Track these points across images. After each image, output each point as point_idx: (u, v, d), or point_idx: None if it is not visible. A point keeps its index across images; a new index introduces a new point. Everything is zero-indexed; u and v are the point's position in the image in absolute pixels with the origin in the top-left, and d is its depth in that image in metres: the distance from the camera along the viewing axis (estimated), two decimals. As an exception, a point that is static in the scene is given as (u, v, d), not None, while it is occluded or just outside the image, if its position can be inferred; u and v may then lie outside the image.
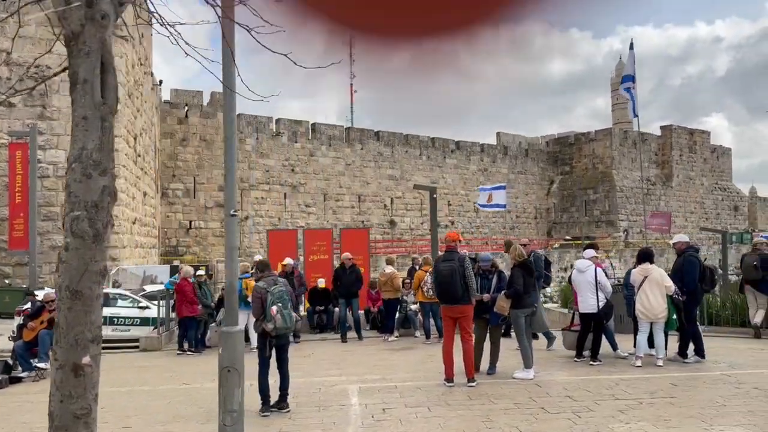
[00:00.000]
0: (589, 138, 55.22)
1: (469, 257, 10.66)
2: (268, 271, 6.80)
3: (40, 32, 19.57)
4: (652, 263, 8.68)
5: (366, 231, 16.75)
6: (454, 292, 7.40)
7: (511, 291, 7.84)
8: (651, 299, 8.40)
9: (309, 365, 9.57)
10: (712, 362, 8.68)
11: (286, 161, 40.01)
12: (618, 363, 8.85)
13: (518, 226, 54.62)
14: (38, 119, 19.42)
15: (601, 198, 52.93)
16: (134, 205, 22.93)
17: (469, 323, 7.58)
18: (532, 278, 8.06)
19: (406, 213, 46.58)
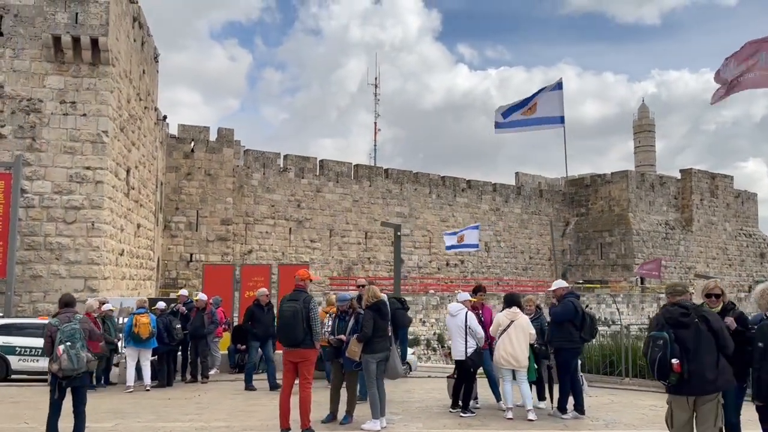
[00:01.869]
0: (605, 180, 54.40)
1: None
2: (68, 308, 6.53)
3: (33, 66, 20.22)
4: (520, 308, 8.33)
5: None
6: (294, 334, 7.09)
7: (362, 335, 7.42)
8: (515, 345, 7.99)
9: (171, 408, 9.19)
10: (591, 419, 8.17)
11: (292, 196, 40.26)
12: (492, 416, 8.34)
13: (531, 267, 53.66)
14: (27, 151, 19.90)
15: (617, 241, 51.79)
16: (122, 236, 23.16)
17: (309, 369, 7.20)
18: (386, 321, 7.68)
19: (414, 251, 46.18)
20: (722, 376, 5.02)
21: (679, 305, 5.14)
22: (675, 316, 5.06)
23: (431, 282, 45.10)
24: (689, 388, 4.95)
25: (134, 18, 24.63)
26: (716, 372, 4.98)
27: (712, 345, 5.02)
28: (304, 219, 40.67)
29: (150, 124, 28.90)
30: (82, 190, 20.25)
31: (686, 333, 4.98)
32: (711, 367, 4.97)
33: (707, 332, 5.01)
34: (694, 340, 4.98)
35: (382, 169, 45.64)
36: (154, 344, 10.33)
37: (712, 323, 5.05)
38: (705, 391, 4.98)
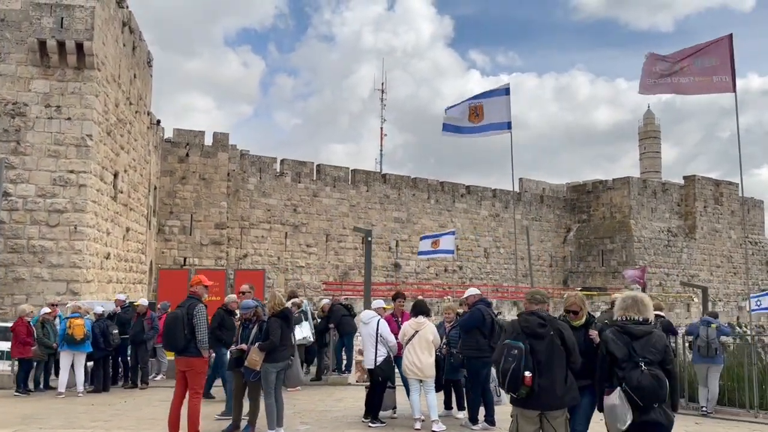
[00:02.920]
0: (607, 186, 54.00)
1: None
2: None
3: (19, 70, 20.35)
4: (427, 317, 8.19)
5: (262, 272, 16.38)
6: (174, 341, 7.02)
7: (266, 343, 7.24)
8: (420, 356, 7.84)
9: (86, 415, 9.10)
10: (502, 430, 7.97)
11: (289, 201, 40.26)
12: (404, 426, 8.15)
13: (531, 273, 53.26)
14: (12, 154, 20.02)
15: (618, 248, 51.35)
16: (108, 240, 23.22)
17: (195, 378, 7.05)
18: (290, 329, 7.54)
19: (411, 256, 45.99)
20: (570, 393, 4.89)
21: (537, 315, 4.98)
22: (532, 326, 4.90)
23: (428, 288, 44.92)
24: (538, 403, 4.80)
25: (124, 23, 24.75)
26: (565, 388, 4.84)
27: (563, 360, 4.87)
28: (301, 224, 40.65)
29: (142, 128, 29.02)
30: (66, 193, 20.32)
31: (540, 345, 4.83)
32: (561, 382, 4.83)
33: (560, 346, 4.85)
34: (547, 353, 4.84)
35: (379, 174, 45.59)
36: (88, 348, 10.29)
37: (566, 338, 4.89)
38: (553, 406, 4.83)
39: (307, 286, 40.50)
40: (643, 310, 4.70)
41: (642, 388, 4.29)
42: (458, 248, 48.92)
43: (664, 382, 4.40)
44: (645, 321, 4.66)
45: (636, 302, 4.74)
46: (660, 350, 4.51)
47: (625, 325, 4.65)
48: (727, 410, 9.61)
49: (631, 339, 4.52)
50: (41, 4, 20.30)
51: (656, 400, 4.37)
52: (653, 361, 4.44)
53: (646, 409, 4.34)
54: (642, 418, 4.35)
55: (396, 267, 45.08)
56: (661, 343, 4.57)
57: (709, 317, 9.96)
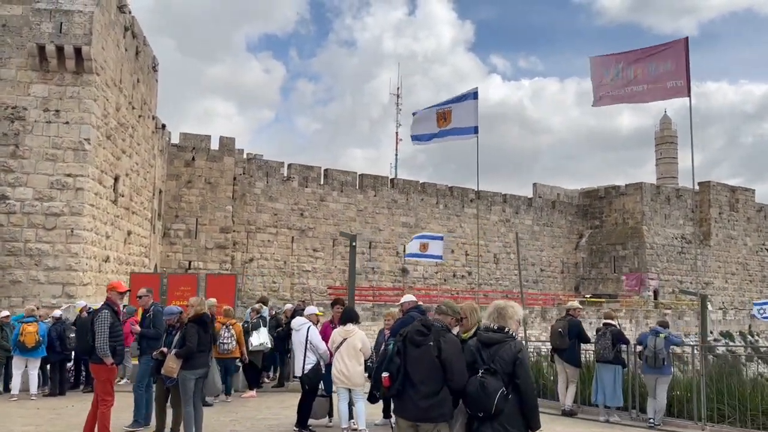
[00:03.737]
0: (619, 192, 53.29)
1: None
2: None
3: (19, 75, 20.58)
4: (356, 324, 8.01)
5: (233, 276, 16.26)
6: (81, 347, 7.07)
7: (183, 350, 7.08)
8: (347, 364, 7.64)
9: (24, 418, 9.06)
10: None
11: (296, 205, 40.28)
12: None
13: (542, 279, 52.74)
14: (10, 158, 20.23)
15: (631, 254, 50.57)
16: (108, 243, 23.35)
17: (100, 386, 6.96)
18: (208, 335, 7.38)
19: (419, 261, 45.71)
20: (438, 408, 4.61)
21: (423, 323, 4.85)
22: (411, 332, 4.79)
23: (436, 294, 44.59)
24: (402, 410, 4.71)
25: (126, 27, 24.95)
26: (431, 402, 4.58)
27: (437, 374, 4.62)
28: (307, 228, 40.63)
29: (146, 132, 29.21)
30: (63, 197, 20.47)
31: (415, 353, 4.69)
32: (426, 395, 4.60)
33: (435, 358, 4.64)
34: (419, 363, 4.67)
35: (387, 179, 45.44)
36: (41, 353, 10.28)
37: (442, 352, 4.65)
38: (418, 418, 4.65)
39: (313, 291, 40.42)
40: (499, 318, 4.52)
41: (468, 394, 4.14)
42: (466, 254, 48.64)
43: (493, 393, 4.14)
44: (499, 329, 4.49)
45: (496, 310, 4.58)
46: (508, 362, 4.28)
47: (480, 332, 4.54)
48: (676, 422, 9.33)
49: (482, 347, 4.39)
50: (41, 10, 20.51)
51: (481, 409, 4.16)
52: (498, 371, 4.23)
53: (483, 420, 4.17)
54: (479, 429, 4.19)
55: (403, 272, 44.86)
56: (510, 354, 4.32)
57: (659, 327, 9.72)
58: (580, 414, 10.02)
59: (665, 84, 9.14)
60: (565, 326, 10.20)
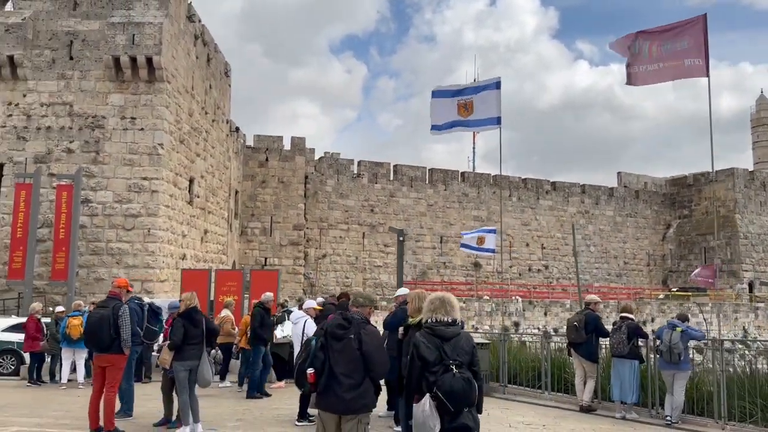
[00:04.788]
0: (709, 179, 50.10)
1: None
2: None
3: (98, 86, 22.06)
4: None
5: (276, 272, 16.50)
6: (100, 340, 7.37)
7: (170, 342, 7.50)
8: None
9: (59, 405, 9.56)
10: None
11: (366, 201, 40.75)
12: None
13: (626, 273, 50.55)
14: (92, 163, 21.74)
15: (723, 245, 47.51)
16: (184, 242, 24.60)
17: (114, 374, 7.40)
18: (198, 329, 7.55)
19: (492, 255, 45.04)
20: (361, 399, 4.65)
21: (343, 316, 4.88)
22: (332, 326, 4.81)
23: (513, 289, 43.80)
24: (326, 403, 4.71)
25: (196, 36, 26.14)
26: (354, 394, 4.63)
27: (359, 365, 4.66)
28: (378, 224, 41.00)
29: (220, 135, 30.50)
30: (140, 199, 21.77)
31: (337, 346, 4.72)
32: (349, 387, 4.63)
33: (356, 350, 4.66)
34: (341, 355, 4.69)
35: (458, 173, 45.05)
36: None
37: (363, 344, 4.67)
38: (340, 410, 4.66)
39: (384, 286, 40.80)
40: (450, 310, 4.44)
41: (455, 392, 4.07)
42: (543, 247, 47.41)
43: (475, 385, 4.19)
44: (453, 322, 4.42)
45: (444, 303, 4.48)
46: (468, 352, 4.29)
47: (434, 327, 4.38)
48: (694, 420, 8.78)
49: (441, 341, 4.28)
50: (115, 24, 21.88)
51: (467, 403, 4.15)
52: (463, 363, 4.22)
53: (456, 414, 4.11)
54: (452, 423, 4.12)
55: (476, 266, 44.36)
56: (469, 344, 4.35)
57: (676, 320, 9.08)
58: (599, 410, 9.69)
59: (682, 62, 8.55)
60: (582, 320, 9.79)
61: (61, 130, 21.91)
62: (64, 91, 22.08)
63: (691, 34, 8.56)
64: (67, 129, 21.91)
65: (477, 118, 12.32)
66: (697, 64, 8.59)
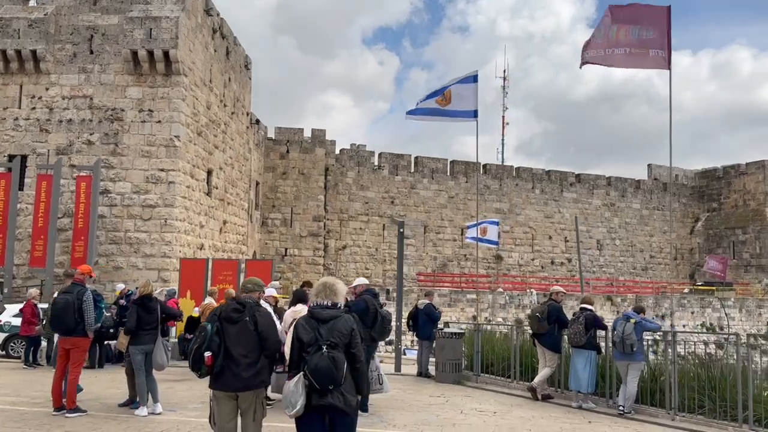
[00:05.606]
0: (739, 171, 48.94)
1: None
2: None
3: (117, 79, 22.60)
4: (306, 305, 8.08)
5: (270, 262, 16.67)
6: (65, 324, 7.76)
7: (125, 327, 7.96)
8: None
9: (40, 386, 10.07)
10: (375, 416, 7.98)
11: (386, 193, 40.88)
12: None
13: (652, 266, 49.71)
14: (111, 155, 22.32)
15: (752, 239, 46.36)
16: (202, 232, 25.10)
17: (78, 355, 7.88)
18: (152, 315, 7.98)
19: (514, 248, 44.85)
20: (258, 376, 5.04)
21: (236, 301, 5.21)
22: (227, 310, 5.15)
23: (533, 281, 43.51)
24: (225, 384, 5.01)
25: (214, 30, 26.51)
26: (253, 371, 4.99)
27: (254, 344, 5.02)
28: (398, 215, 41.03)
29: (240, 127, 30.92)
30: (157, 189, 22.28)
31: (232, 329, 5.03)
32: (247, 365, 4.98)
33: (252, 331, 5.02)
34: (236, 336, 5.01)
35: (480, 165, 44.80)
36: None
37: (259, 324, 5.05)
38: (239, 388, 5.00)
39: (404, 277, 40.91)
40: (332, 295, 4.67)
41: (318, 369, 4.26)
42: (566, 240, 46.91)
43: (342, 365, 4.34)
44: (334, 305, 4.64)
45: (326, 288, 4.70)
46: (346, 334, 4.46)
47: (313, 310, 4.62)
48: (648, 410, 8.80)
49: (318, 324, 4.48)
50: (133, 18, 22.35)
51: (332, 382, 4.30)
52: (338, 344, 4.40)
53: (323, 392, 4.29)
54: (319, 401, 4.31)
55: (497, 259, 44.16)
56: (348, 326, 4.51)
57: (632, 312, 9.08)
58: (558, 399, 9.84)
59: (647, 51, 8.42)
60: (544, 311, 9.94)
61: (82, 123, 22.53)
62: (85, 85, 22.68)
63: (655, 25, 8.44)
64: (88, 121, 22.51)
65: (454, 108, 12.37)
66: (660, 56, 8.49)
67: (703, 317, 32.41)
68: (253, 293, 5.42)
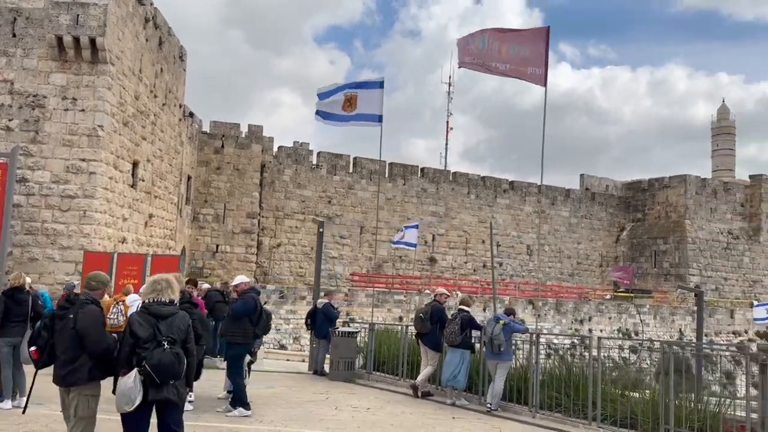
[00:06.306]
0: (663, 184, 51.43)
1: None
2: None
3: (40, 65, 21.86)
4: None
5: (177, 258, 16.75)
6: None
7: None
8: None
9: None
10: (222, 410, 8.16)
11: (324, 193, 40.95)
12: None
13: (579, 273, 51.59)
14: (31, 143, 21.57)
15: (672, 249, 48.83)
16: (125, 225, 24.55)
17: None
18: (22, 308, 8.12)
19: (448, 251, 45.72)
20: (73, 374, 5.09)
21: (67, 299, 5.36)
22: (60, 307, 5.38)
23: (465, 284, 44.44)
24: (54, 379, 5.19)
25: (147, 19, 25.98)
26: (68, 368, 5.08)
27: (75, 343, 5.11)
28: (335, 215, 41.23)
29: (171, 119, 30.37)
30: (77, 180, 21.67)
31: (59, 326, 5.20)
32: (63, 362, 5.11)
33: (72, 329, 5.12)
34: (59, 333, 5.18)
35: (417, 168, 45.47)
36: None
37: (78, 322, 5.11)
38: (57, 382, 5.17)
39: (339, 277, 41.13)
40: (169, 291, 4.85)
41: (163, 365, 4.43)
42: (498, 244, 48.12)
43: (183, 360, 4.57)
44: (171, 302, 4.83)
45: (162, 284, 4.90)
46: (183, 330, 4.68)
47: (150, 306, 4.77)
48: (513, 407, 9.38)
49: (156, 320, 4.63)
50: (60, 3, 21.68)
51: (173, 377, 4.52)
52: (176, 340, 4.59)
53: (159, 387, 4.47)
54: (154, 396, 4.49)
55: (431, 261, 44.91)
56: (185, 323, 4.74)
57: (502, 314, 9.71)
58: (435, 396, 10.27)
59: (526, 69, 9.05)
60: (427, 311, 10.43)
61: (1, 108, 21.68)
62: (6, 69, 21.82)
63: (532, 44, 9.04)
64: (7, 107, 21.68)
65: (360, 112, 12.71)
66: (538, 73, 9.09)
67: (620, 323, 33.99)
68: (96, 291, 5.44)
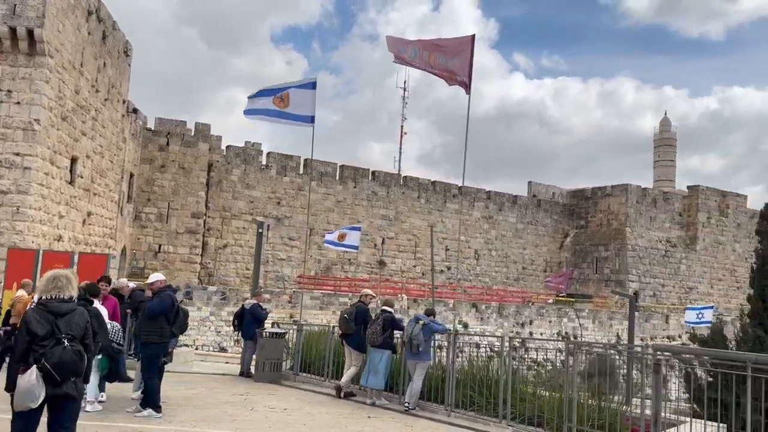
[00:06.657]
0: (605, 193, 53.03)
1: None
2: None
3: (-28, 55, 20.97)
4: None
5: (105, 257, 16.50)
6: None
7: None
8: None
9: None
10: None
11: (273, 194, 40.59)
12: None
13: (524, 277, 52.66)
14: (-40, 135, 20.69)
15: (612, 256, 50.40)
16: (61, 223, 23.76)
17: None
18: None
19: (397, 254, 45.98)
20: None
21: None
22: None
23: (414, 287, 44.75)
24: None
25: (90, 12, 25.26)
26: None
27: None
28: (284, 217, 40.93)
29: (114, 115, 29.57)
30: (11, 175, 20.88)
31: None
32: None
33: None
34: None
35: (368, 171, 45.60)
36: None
37: None
38: None
39: (286, 279, 40.85)
40: (68, 288, 4.85)
41: (64, 363, 4.43)
42: (447, 249, 48.74)
43: (84, 357, 4.60)
44: (69, 299, 4.82)
45: (65, 281, 4.88)
46: (82, 327, 4.70)
47: (48, 303, 4.75)
48: (430, 406, 9.60)
49: (55, 317, 4.63)
50: (-5, -9, 20.86)
51: (74, 374, 4.54)
52: (75, 337, 4.61)
53: (59, 383, 4.47)
54: (54, 392, 4.48)
55: (381, 264, 45.07)
56: (84, 319, 4.76)
57: (422, 315, 9.98)
58: (358, 396, 10.40)
59: (455, 76, 9.42)
60: (352, 312, 10.56)
61: (-72, 98, 20.71)
62: (-66, 57, 20.86)
63: (459, 53, 9.36)
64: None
65: (292, 112, 12.70)
66: (464, 81, 9.43)
67: (560, 326, 34.87)
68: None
